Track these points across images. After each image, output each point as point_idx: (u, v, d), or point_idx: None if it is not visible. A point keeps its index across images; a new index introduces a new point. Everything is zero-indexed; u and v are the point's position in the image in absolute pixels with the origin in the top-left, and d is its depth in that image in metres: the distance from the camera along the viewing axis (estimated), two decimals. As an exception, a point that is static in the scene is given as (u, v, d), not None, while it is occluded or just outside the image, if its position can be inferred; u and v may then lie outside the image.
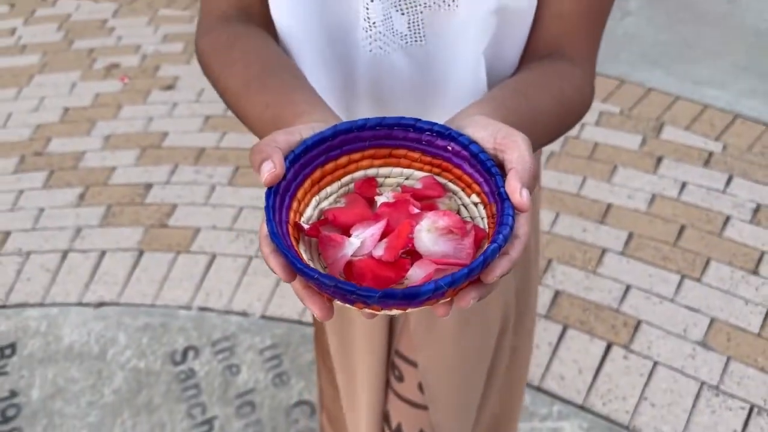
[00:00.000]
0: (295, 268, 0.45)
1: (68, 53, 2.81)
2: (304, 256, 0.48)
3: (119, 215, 2.05)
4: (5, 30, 2.99)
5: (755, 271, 1.82)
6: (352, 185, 0.54)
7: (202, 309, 1.80)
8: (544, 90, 0.61)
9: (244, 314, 1.78)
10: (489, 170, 0.49)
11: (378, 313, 0.46)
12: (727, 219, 1.96)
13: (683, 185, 2.07)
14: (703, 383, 1.59)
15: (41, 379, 1.67)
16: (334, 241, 0.48)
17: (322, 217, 0.52)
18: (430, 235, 0.48)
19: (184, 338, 1.73)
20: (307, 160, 0.51)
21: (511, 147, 0.49)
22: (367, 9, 0.63)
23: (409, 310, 0.46)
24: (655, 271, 1.82)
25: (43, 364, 1.69)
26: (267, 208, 0.47)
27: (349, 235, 0.49)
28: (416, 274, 0.47)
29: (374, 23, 0.64)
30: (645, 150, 2.19)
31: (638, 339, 1.68)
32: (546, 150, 2.19)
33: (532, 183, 0.48)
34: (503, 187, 0.48)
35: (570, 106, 0.64)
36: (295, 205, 0.50)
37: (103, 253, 1.95)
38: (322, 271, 0.47)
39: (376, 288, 0.43)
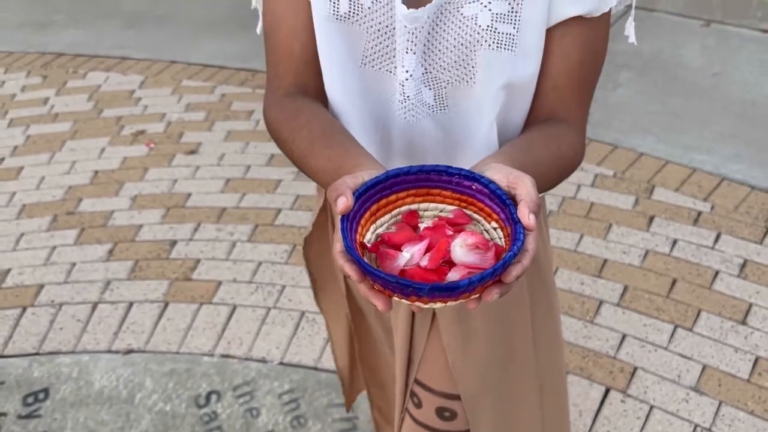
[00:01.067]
0: (366, 271, 0.60)
1: (98, 121, 3.01)
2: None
3: (146, 269, 2.19)
4: (39, 99, 3.21)
5: (743, 322, 1.93)
6: (399, 216, 0.70)
7: (224, 356, 1.91)
8: (544, 147, 0.78)
9: (263, 361, 1.89)
10: (504, 202, 0.65)
11: (424, 306, 0.61)
12: (716, 273, 2.09)
13: (674, 242, 2.20)
14: (696, 426, 1.69)
15: (73, 421, 1.77)
16: (390, 255, 0.64)
17: (379, 239, 0.68)
18: (462, 249, 0.64)
19: (207, 383, 1.84)
20: (367, 197, 0.67)
21: (520, 185, 0.65)
22: (403, 86, 0.81)
23: (448, 303, 0.60)
24: (649, 321, 1.94)
25: (74, 408, 1.80)
26: (342, 230, 0.63)
27: (401, 251, 0.65)
28: (453, 276, 0.62)
29: (408, 96, 0.81)
30: (638, 209, 2.34)
31: (635, 384, 1.78)
32: (545, 209, 2.34)
33: (537, 210, 0.63)
34: (515, 213, 0.64)
35: (565, 160, 0.81)
36: (359, 229, 0.66)
37: (131, 305, 2.07)
38: None
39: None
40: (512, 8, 0.76)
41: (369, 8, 0.79)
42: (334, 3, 0.79)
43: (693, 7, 3.64)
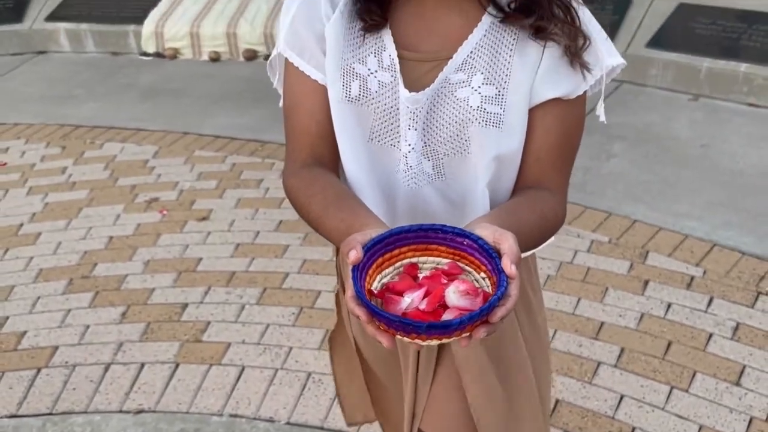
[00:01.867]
0: (373, 313, 0.70)
1: (113, 189, 3.14)
2: None
3: (157, 331, 2.26)
4: (57, 169, 3.35)
5: (738, 383, 1.99)
6: (402, 268, 0.81)
7: (233, 416, 1.96)
8: (528, 210, 0.88)
9: (271, 421, 1.94)
10: (491, 255, 0.76)
11: (423, 343, 0.70)
12: (710, 336, 2.15)
13: (669, 306, 2.28)
14: (694, 485, 1.72)
15: (83, 480, 1.81)
16: (394, 300, 0.75)
17: (384, 287, 0.78)
18: (455, 295, 0.74)
19: (216, 443, 1.88)
20: (375, 251, 0.78)
21: (504, 240, 0.75)
22: (406, 158, 0.93)
23: (443, 340, 0.70)
24: (646, 382, 2.00)
25: (85, 466, 1.84)
26: (353, 278, 0.73)
27: (403, 297, 0.75)
28: (447, 317, 0.72)
29: (410, 167, 0.94)
30: (633, 274, 2.43)
31: (633, 444, 1.82)
32: (543, 274, 2.43)
33: (518, 262, 0.74)
34: (500, 265, 0.74)
35: (547, 221, 0.92)
36: (367, 278, 0.76)
37: (142, 366, 2.14)
38: None
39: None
40: (499, 92, 0.89)
41: (376, 92, 0.91)
42: (347, 87, 0.92)
43: (682, 82, 3.82)
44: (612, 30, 4.12)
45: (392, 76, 0.91)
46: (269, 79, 1.05)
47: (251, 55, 4.72)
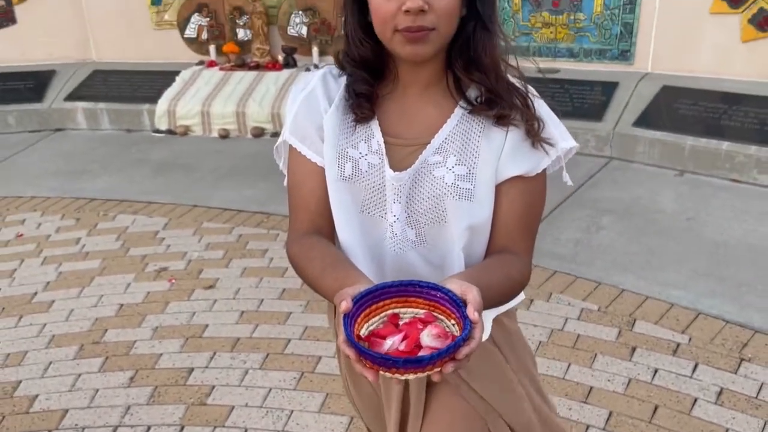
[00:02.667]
0: (360, 352, 0.84)
1: (124, 259, 3.28)
2: None
3: (164, 395, 2.36)
4: (72, 240, 3.51)
5: (722, 446, 2.06)
6: (386, 317, 0.95)
7: (235, 476, 2.03)
8: (495, 271, 1.03)
9: (271, 481, 2.01)
10: (458, 305, 0.90)
11: (401, 377, 0.83)
12: (695, 400, 2.24)
13: (655, 371, 2.37)
14: None
15: None
16: (378, 342, 0.90)
17: (371, 333, 0.93)
18: (428, 337, 0.89)
19: (218, 502, 1.95)
20: (363, 303, 0.92)
21: (469, 292, 0.90)
22: (392, 227, 1.09)
23: (418, 375, 0.82)
24: (633, 445, 2.07)
25: None
26: (344, 325, 0.87)
27: (386, 340, 0.90)
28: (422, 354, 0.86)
29: (396, 234, 1.09)
30: (621, 341, 2.53)
31: (620, 505, 1.88)
32: (535, 340, 2.54)
33: (480, 310, 0.88)
34: (465, 312, 0.88)
35: (513, 281, 1.06)
36: (356, 325, 0.90)
37: (149, 428, 2.22)
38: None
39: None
40: (469, 171, 1.05)
41: (366, 171, 1.08)
42: (341, 168, 1.08)
43: (667, 158, 4.02)
44: (600, 110, 4.36)
45: (380, 158, 1.08)
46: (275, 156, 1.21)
47: (259, 133, 4.96)
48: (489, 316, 1.13)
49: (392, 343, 0.89)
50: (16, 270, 3.24)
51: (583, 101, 4.44)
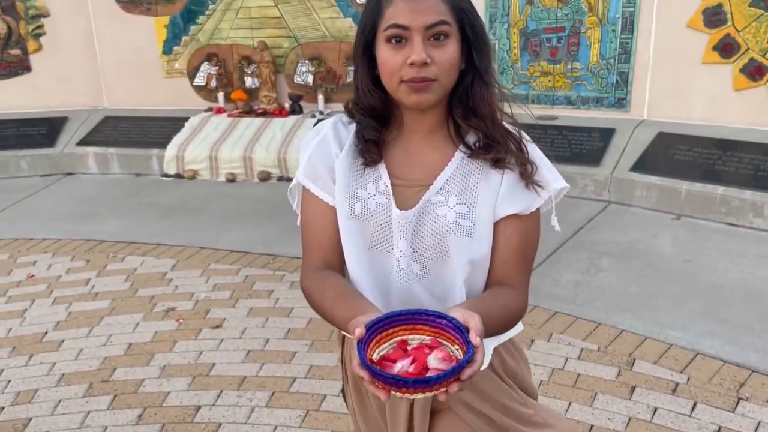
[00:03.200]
0: (373, 374, 0.92)
1: (133, 299, 3.35)
2: None
3: (172, 432, 2.40)
4: (81, 280, 3.58)
5: (720, 483, 2.09)
6: (395, 343, 1.03)
7: None
8: (495, 302, 1.11)
9: None
10: (461, 331, 0.98)
11: (411, 396, 0.90)
12: (694, 439, 2.27)
13: (655, 410, 2.41)
14: None
15: None
16: (389, 365, 0.98)
17: (382, 357, 1.00)
18: (435, 360, 0.96)
19: None
20: (374, 330, 1.00)
21: (471, 320, 0.98)
22: (399, 261, 1.17)
23: (426, 394, 0.90)
24: (633, 483, 2.10)
25: None
26: (358, 350, 0.95)
27: (395, 364, 0.97)
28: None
29: (402, 268, 1.17)
30: (620, 380, 2.57)
31: None
32: (537, 379, 2.58)
33: (482, 335, 0.96)
34: (468, 337, 0.96)
35: (510, 311, 1.14)
36: (368, 351, 0.98)
37: (156, 464, 2.26)
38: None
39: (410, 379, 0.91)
40: (469, 209, 1.14)
41: (374, 210, 1.17)
42: (352, 207, 1.17)
43: (664, 203, 4.11)
44: (598, 155, 4.47)
45: (387, 198, 1.17)
46: (281, 198, 1.31)
47: (265, 177, 5.08)
48: (489, 344, 1.20)
49: (402, 366, 0.96)
50: (27, 310, 3.31)
51: (581, 147, 4.56)
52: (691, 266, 3.43)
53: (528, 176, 1.15)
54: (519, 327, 1.25)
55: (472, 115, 1.15)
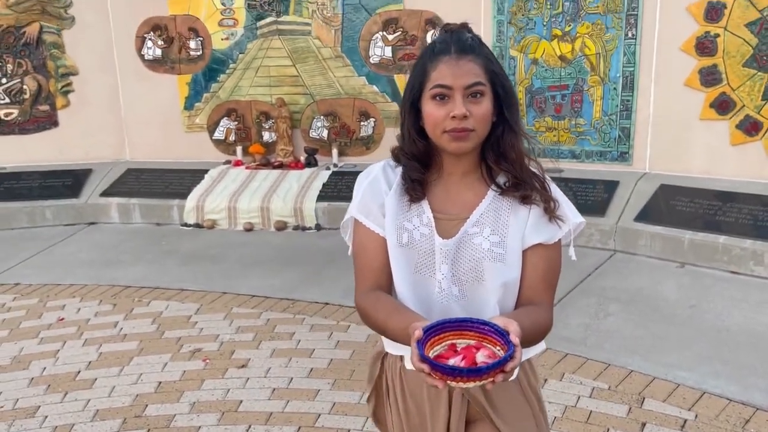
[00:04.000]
0: (432, 365, 1.09)
1: (160, 341, 3.49)
2: None
3: (204, 464, 2.51)
4: (110, 323, 3.73)
5: None
6: (447, 346, 1.19)
7: None
8: (527, 317, 1.29)
9: None
10: (502, 335, 1.15)
11: (464, 385, 1.07)
12: (703, 472, 2.38)
13: (665, 445, 2.53)
14: None
15: None
16: (443, 361, 1.14)
17: (436, 356, 1.17)
18: (482, 356, 1.13)
19: None
20: (428, 334, 1.17)
21: (510, 325, 1.16)
22: (440, 284, 1.35)
23: (476, 383, 1.08)
24: None
25: None
26: (418, 347, 1.12)
27: (448, 361, 1.14)
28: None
29: (443, 290, 1.35)
30: (631, 417, 2.69)
31: None
32: (550, 416, 2.70)
33: (520, 337, 1.14)
34: (509, 338, 1.13)
35: (539, 326, 1.32)
36: (425, 349, 1.14)
37: (190, 494, 2.37)
38: None
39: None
40: (501, 239, 1.32)
41: (419, 240, 1.35)
42: (400, 238, 1.35)
43: (668, 251, 4.28)
44: (603, 206, 4.67)
45: (430, 229, 1.35)
46: (297, 246, 1.54)
47: (282, 226, 5.27)
48: (520, 356, 1.38)
49: (454, 362, 1.14)
50: (60, 350, 3.45)
51: (586, 198, 4.75)
52: (696, 311, 3.57)
53: (551, 211, 1.34)
54: (542, 346, 1.41)
55: (503, 160, 1.35)
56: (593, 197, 4.76)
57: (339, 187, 5.38)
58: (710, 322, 3.45)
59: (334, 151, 5.75)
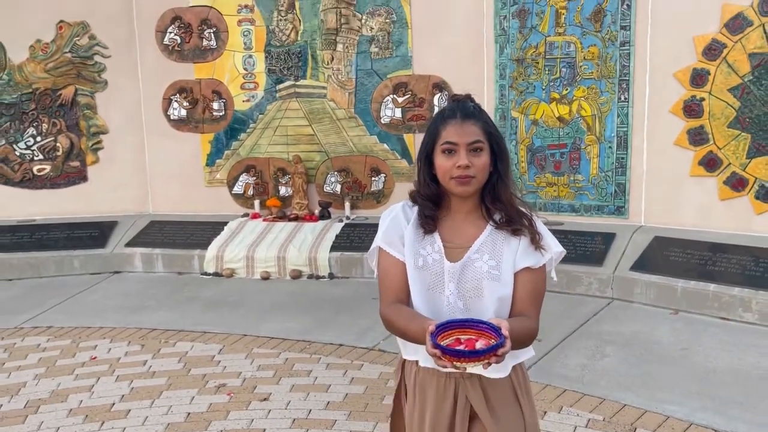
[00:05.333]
0: (442, 350, 1.40)
1: (187, 377, 3.76)
2: None
3: (232, 484, 2.75)
4: (139, 362, 4.00)
5: None
6: (453, 339, 1.49)
7: None
8: (518, 323, 1.59)
9: None
10: (496, 330, 1.46)
11: (467, 365, 1.37)
12: (689, 493, 2.60)
13: (654, 470, 2.75)
14: None
15: None
16: (452, 348, 1.43)
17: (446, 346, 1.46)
18: (480, 344, 1.43)
19: None
20: (438, 331, 1.47)
21: (502, 322, 1.48)
22: (448, 299, 1.66)
23: (476, 363, 1.37)
24: None
25: None
26: (432, 338, 1.43)
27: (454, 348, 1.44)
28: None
29: (450, 304, 1.66)
30: (624, 445, 2.92)
31: None
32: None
33: (511, 331, 1.45)
34: (501, 331, 1.44)
35: (528, 331, 1.62)
36: (437, 340, 1.44)
37: None
38: None
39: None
40: (497, 263, 1.64)
41: (431, 263, 1.67)
42: (416, 261, 1.67)
43: (662, 299, 4.54)
44: (601, 257, 4.95)
45: (440, 255, 1.67)
46: (311, 293, 1.90)
47: (297, 275, 5.57)
48: (509, 361, 1.65)
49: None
50: (94, 386, 3.71)
51: (585, 249, 5.05)
52: (687, 353, 3.82)
53: (536, 242, 1.66)
54: (531, 351, 1.71)
55: (497, 201, 1.69)
56: (592, 248, 5.05)
57: (351, 238, 5.71)
58: (700, 363, 3.69)
59: (347, 205, 6.10)
